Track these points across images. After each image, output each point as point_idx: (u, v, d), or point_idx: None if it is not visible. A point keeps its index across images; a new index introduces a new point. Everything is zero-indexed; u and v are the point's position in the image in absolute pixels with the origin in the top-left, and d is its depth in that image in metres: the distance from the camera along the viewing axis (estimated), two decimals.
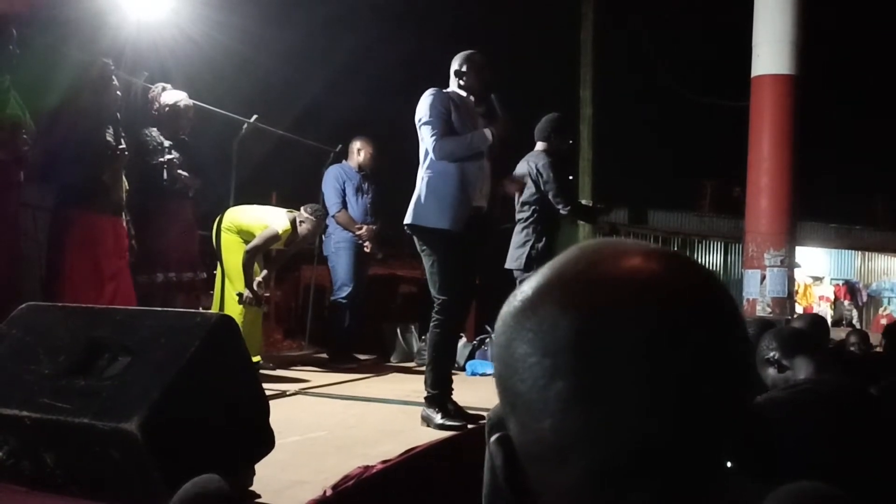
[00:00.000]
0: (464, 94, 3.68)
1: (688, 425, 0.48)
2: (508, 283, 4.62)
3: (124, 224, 4.24)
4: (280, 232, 4.77)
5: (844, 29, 14.22)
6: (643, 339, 0.48)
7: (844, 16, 13.74)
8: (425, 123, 3.54)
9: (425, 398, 3.49)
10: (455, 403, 3.51)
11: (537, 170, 4.44)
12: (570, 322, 0.50)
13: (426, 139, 3.54)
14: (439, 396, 3.46)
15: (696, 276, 0.52)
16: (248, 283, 4.72)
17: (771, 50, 7.34)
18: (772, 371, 2.43)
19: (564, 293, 0.51)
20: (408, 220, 3.54)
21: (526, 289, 0.54)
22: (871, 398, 2.13)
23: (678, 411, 0.48)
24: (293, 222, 4.88)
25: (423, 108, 3.56)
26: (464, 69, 3.67)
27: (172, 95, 4.71)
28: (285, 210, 4.99)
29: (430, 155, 3.53)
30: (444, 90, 3.64)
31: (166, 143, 4.58)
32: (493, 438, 0.54)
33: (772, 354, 2.43)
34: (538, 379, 0.50)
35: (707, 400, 0.49)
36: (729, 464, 0.50)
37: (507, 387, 0.53)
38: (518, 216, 4.57)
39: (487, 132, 3.55)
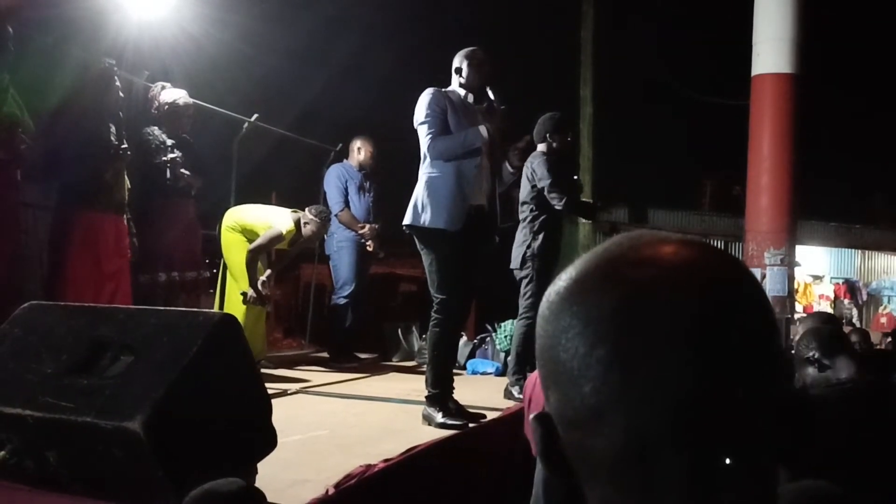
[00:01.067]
0: (463, 92, 3.67)
1: (718, 397, 0.51)
2: (509, 282, 4.62)
3: (126, 223, 4.24)
4: (284, 232, 4.76)
5: (844, 27, 14.22)
6: (679, 313, 0.52)
7: (845, 14, 13.73)
8: (421, 124, 3.53)
9: (426, 397, 3.49)
10: (456, 402, 3.51)
11: (532, 168, 4.45)
12: (613, 296, 0.53)
13: (422, 139, 3.54)
14: (440, 395, 3.46)
15: (729, 263, 0.56)
16: (252, 281, 4.72)
17: (771, 48, 7.33)
18: (811, 370, 2.45)
19: (608, 271, 0.55)
20: (406, 220, 3.53)
21: (571, 270, 0.58)
22: None
23: (709, 383, 0.51)
24: (297, 223, 4.87)
25: (420, 108, 3.55)
26: (463, 66, 3.66)
27: (172, 94, 4.71)
28: (290, 210, 4.99)
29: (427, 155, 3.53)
30: (443, 89, 3.63)
31: (168, 142, 4.58)
32: (532, 416, 0.58)
33: (811, 354, 2.45)
34: (580, 347, 0.53)
35: (735, 375, 0.52)
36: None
37: (549, 357, 0.56)
38: (519, 216, 4.57)
39: (482, 129, 3.51)
